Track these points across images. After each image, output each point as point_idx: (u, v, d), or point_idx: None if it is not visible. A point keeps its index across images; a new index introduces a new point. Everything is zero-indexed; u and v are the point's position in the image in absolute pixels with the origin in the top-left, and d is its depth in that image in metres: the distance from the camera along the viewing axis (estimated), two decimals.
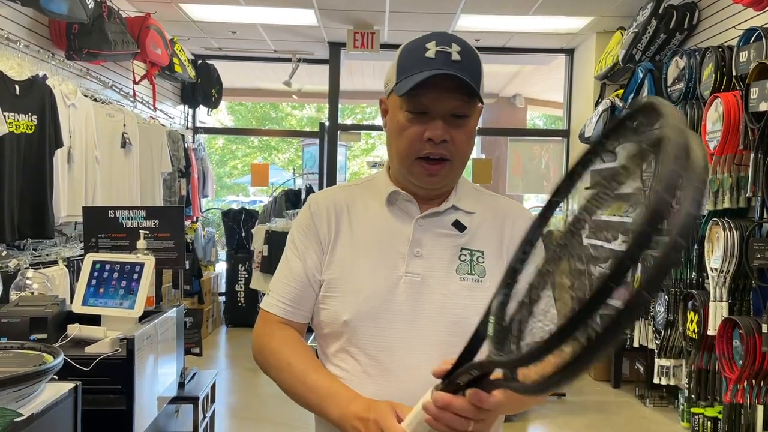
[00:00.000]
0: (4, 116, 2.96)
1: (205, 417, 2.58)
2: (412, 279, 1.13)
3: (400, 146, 1.13)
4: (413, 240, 1.15)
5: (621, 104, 4.88)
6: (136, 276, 2.05)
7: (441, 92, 1.07)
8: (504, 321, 0.76)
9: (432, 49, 1.07)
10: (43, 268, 3.28)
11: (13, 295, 2.42)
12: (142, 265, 2.06)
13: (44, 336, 1.92)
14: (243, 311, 6.64)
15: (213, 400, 2.71)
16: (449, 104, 1.08)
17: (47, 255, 3.54)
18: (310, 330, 1.24)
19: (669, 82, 4.11)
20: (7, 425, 1.07)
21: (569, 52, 6.42)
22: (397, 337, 1.11)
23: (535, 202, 11.76)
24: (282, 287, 1.19)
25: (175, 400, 2.33)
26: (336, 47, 6.42)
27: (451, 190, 1.20)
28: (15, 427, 1.10)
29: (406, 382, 1.10)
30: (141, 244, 2.31)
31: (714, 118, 3.44)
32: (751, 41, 3.27)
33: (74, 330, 1.95)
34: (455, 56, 1.07)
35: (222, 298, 6.94)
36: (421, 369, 1.10)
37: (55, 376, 1.45)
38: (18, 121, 3.11)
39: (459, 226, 1.17)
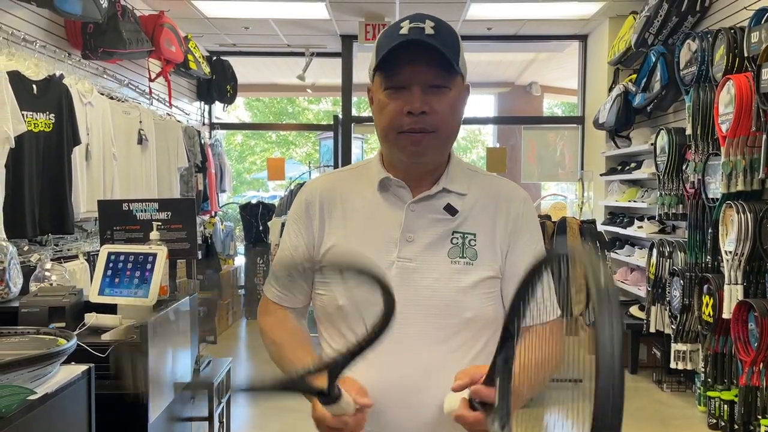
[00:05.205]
0: (23, 115, 3.04)
1: (220, 403, 2.65)
2: (404, 264, 1.15)
3: (382, 123, 1.15)
4: (405, 225, 1.16)
5: (634, 89, 4.84)
6: (149, 266, 2.11)
7: (417, 66, 1.09)
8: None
9: (405, 26, 1.10)
10: (64, 262, 3.37)
11: (33, 287, 2.49)
12: (155, 255, 2.13)
13: (62, 324, 1.98)
14: None
15: (228, 387, 2.77)
16: (425, 76, 1.10)
17: (68, 250, 3.64)
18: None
19: (681, 66, 4.06)
20: (22, 402, 1.13)
21: (582, 38, 6.37)
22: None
23: (554, 189, 11.68)
24: (275, 274, 1.28)
25: (190, 386, 2.39)
26: (348, 40, 6.44)
27: (443, 172, 1.20)
28: (29, 405, 1.16)
29: (400, 364, 1.13)
30: (154, 235, 2.37)
31: (726, 100, 3.41)
32: (763, 21, 3.22)
33: (91, 318, 2.02)
34: (429, 31, 1.09)
35: (242, 291, 7.04)
36: (415, 352, 1.13)
37: (73, 363, 1.51)
38: (36, 119, 3.20)
39: (451, 209, 1.18)
